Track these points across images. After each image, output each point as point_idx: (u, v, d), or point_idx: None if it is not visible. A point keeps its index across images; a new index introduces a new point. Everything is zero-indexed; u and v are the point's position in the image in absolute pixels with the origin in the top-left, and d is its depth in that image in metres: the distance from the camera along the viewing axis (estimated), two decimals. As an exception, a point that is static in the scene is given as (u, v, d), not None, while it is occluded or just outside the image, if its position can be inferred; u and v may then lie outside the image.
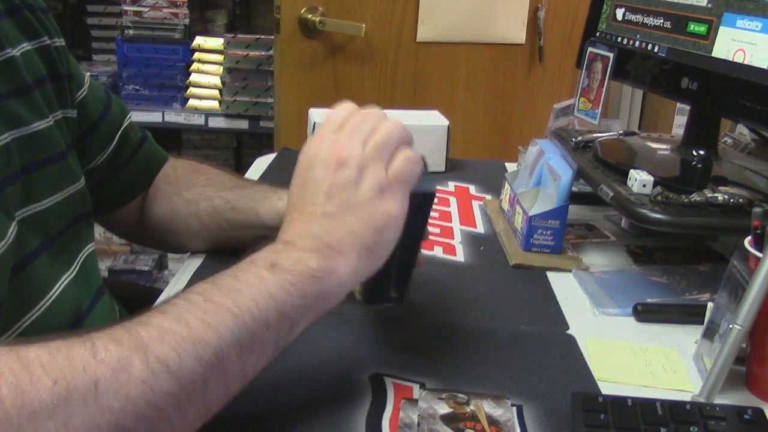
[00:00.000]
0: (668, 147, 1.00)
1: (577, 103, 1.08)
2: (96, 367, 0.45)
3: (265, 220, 0.82)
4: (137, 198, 0.90)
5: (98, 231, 2.80)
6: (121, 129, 0.86)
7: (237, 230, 0.85)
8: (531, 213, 0.91)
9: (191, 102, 2.24)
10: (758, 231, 0.65)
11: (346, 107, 0.62)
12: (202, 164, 0.94)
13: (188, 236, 0.89)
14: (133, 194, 0.89)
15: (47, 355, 0.44)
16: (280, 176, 1.19)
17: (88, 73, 0.86)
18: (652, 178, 0.83)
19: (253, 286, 0.52)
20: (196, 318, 0.49)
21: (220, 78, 2.22)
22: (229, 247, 0.86)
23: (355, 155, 0.58)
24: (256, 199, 0.84)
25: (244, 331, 0.50)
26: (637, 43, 0.98)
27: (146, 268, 2.37)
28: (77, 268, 0.74)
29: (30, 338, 0.47)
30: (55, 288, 0.69)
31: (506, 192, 1.04)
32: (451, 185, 1.20)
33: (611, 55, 1.00)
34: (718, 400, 0.62)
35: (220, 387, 0.49)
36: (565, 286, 0.86)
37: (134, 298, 1.07)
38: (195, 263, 0.87)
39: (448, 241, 0.98)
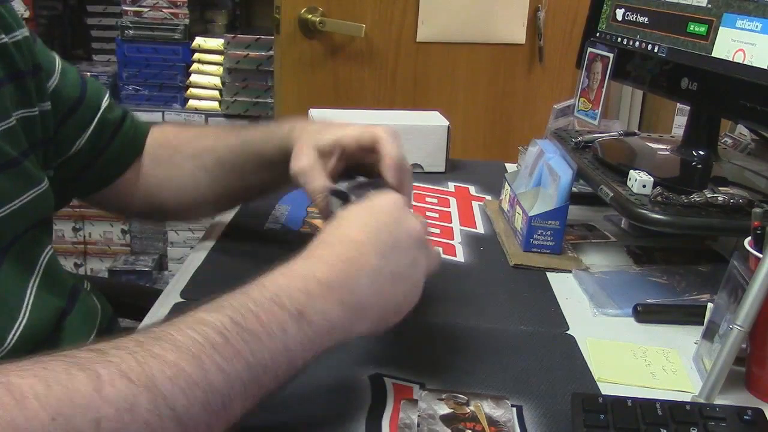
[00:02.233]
0: (668, 147, 1.00)
1: (577, 104, 1.08)
2: (100, 405, 0.42)
3: (275, 161, 0.81)
4: (128, 172, 0.88)
5: (97, 232, 2.78)
6: (100, 112, 0.85)
7: (247, 175, 0.84)
8: (531, 213, 0.91)
9: (191, 102, 2.24)
10: (758, 231, 0.65)
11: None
12: (187, 123, 0.94)
13: (199, 194, 0.87)
14: (122, 169, 0.87)
15: (43, 387, 0.41)
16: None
17: (58, 58, 0.83)
18: (652, 179, 0.83)
19: (274, 336, 0.50)
20: (212, 362, 0.47)
21: (220, 78, 2.22)
22: (242, 195, 0.88)
23: (423, 239, 0.62)
24: (258, 142, 0.83)
25: (253, 382, 0.49)
26: (637, 43, 0.98)
27: (146, 269, 2.37)
28: (41, 271, 0.71)
29: (19, 362, 0.43)
30: (27, 296, 0.67)
31: (506, 192, 1.04)
32: (451, 186, 1.20)
33: (611, 56, 1.00)
34: (718, 401, 0.62)
35: (222, 426, 0.48)
36: (565, 287, 0.86)
37: (132, 298, 1.07)
38: (195, 264, 0.87)
39: (448, 241, 0.98)
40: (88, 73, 0.84)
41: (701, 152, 0.95)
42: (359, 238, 0.58)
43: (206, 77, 2.24)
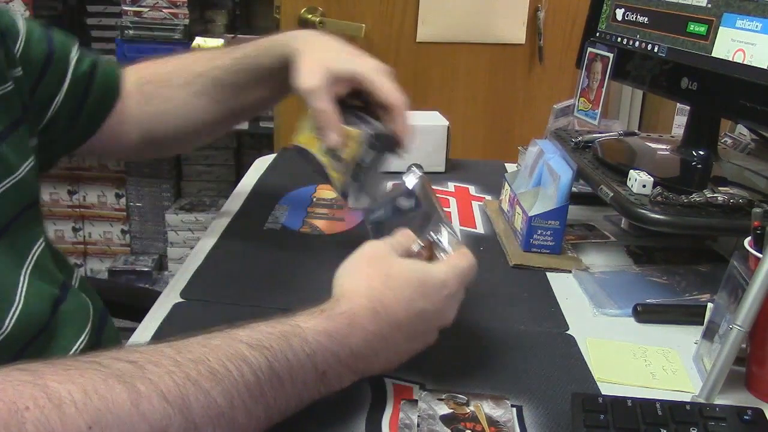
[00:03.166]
0: (668, 147, 1.00)
1: (576, 104, 1.08)
2: (136, 421, 0.43)
3: (274, 72, 0.82)
4: (109, 120, 0.86)
5: (97, 232, 2.78)
6: (71, 67, 0.81)
7: (244, 92, 0.85)
8: (531, 213, 0.91)
9: (191, 102, 2.24)
10: (758, 231, 0.65)
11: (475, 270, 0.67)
12: (168, 57, 0.92)
13: (196, 121, 0.87)
14: (101, 119, 0.86)
15: (81, 394, 0.42)
16: (280, 177, 1.19)
17: (22, 16, 0.78)
18: (651, 179, 0.83)
19: (296, 386, 0.54)
20: (241, 399, 0.49)
21: (220, 78, 2.21)
22: (239, 114, 0.88)
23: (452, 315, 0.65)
24: (254, 55, 0.84)
25: (266, 420, 0.52)
26: (637, 43, 0.98)
27: (146, 269, 2.37)
28: (33, 262, 0.70)
29: (51, 366, 0.44)
30: (21, 281, 0.67)
31: (506, 192, 1.04)
32: (451, 186, 1.20)
33: (611, 56, 1.00)
34: (718, 401, 0.62)
35: None
36: (565, 287, 0.86)
37: (130, 300, 1.07)
38: (195, 264, 0.87)
39: (448, 241, 0.97)
40: (21, 16, 0.76)
41: (701, 152, 0.95)
42: (403, 320, 0.60)
43: (206, 77, 2.23)
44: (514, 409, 0.61)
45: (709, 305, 0.70)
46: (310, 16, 1.78)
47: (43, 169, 0.78)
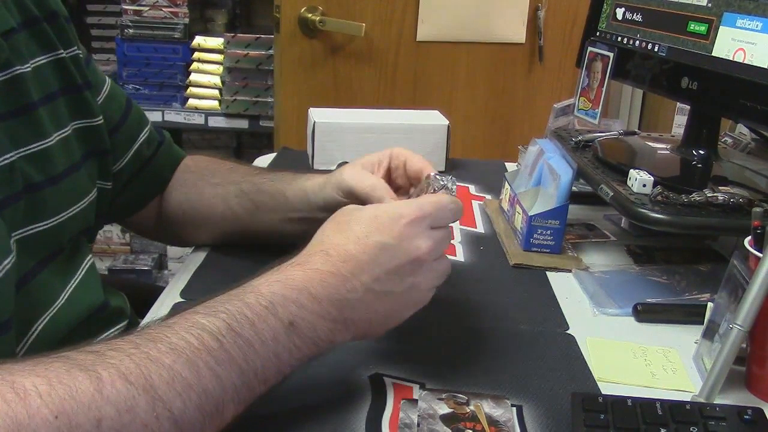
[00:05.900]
0: (668, 147, 1.00)
1: (577, 103, 1.08)
2: (101, 405, 0.43)
3: (292, 200, 0.82)
4: (156, 199, 0.91)
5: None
6: (137, 144, 0.87)
7: (263, 213, 0.85)
8: (531, 213, 0.91)
9: (191, 101, 2.24)
10: (758, 231, 0.65)
11: (452, 208, 0.66)
12: (222, 159, 0.96)
13: (211, 222, 0.88)
14: (151, 197, 0.90)
15: (46, 385, 0.43)
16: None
17: (109, 81, 0.86)
18: (652, 178, 0.83)
19: (266, 344, 0.52)
20: (207, 366, 0.49)
21: (220, 77, 2.22)
22: (251, 234, 0.87)
23: (428, 262, 0.61)
24: (284, 181, 0.85)
25: (245, 387, 0.51)
26: (637, 42, 0.98)
27: (146, 268, 2.37)
28: (79, 278, 0.74)
29: (22, 362, 0.45)
30: (60, 297, 0.70)
31: (506, 192, 1.04)
32: (451, 185, 1.20)
33: (611, 55, 1.00)
34: (718, 400, 0.62)
35: (215, 428, 0.50)
36: (565, 286, 0.86)
37: (134, 296, 1.08)
38: (195, 263, 0.87)
39: (448, 240, 0.97)
40: (109, 81, 0.86)
41: (701, 151, 0.95)
42: (358, 255, 0.58)
43: (206, 76, 2.24)
44: (514, 409, 0.61)
45: (709, 305, 0.70)
46: (310, 15, 1.77)
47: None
